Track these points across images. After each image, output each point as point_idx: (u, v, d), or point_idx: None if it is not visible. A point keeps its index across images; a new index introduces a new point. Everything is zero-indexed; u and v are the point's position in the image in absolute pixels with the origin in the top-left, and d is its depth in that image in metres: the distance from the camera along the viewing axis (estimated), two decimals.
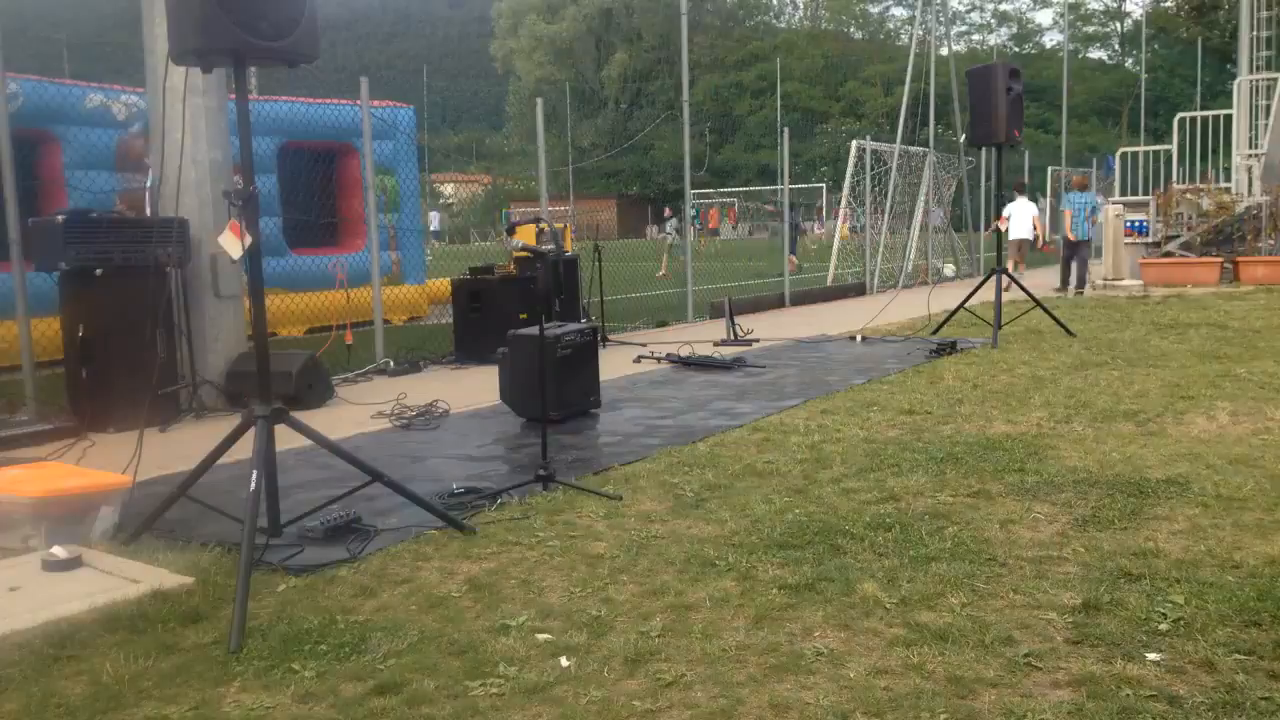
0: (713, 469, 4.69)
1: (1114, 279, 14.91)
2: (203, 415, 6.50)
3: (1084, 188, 16.05)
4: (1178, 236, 15.42)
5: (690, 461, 4.84)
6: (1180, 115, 17.65)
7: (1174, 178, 17.31)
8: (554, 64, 63.49)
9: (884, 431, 5.42)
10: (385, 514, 4.03)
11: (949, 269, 18.77)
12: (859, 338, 9.84)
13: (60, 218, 6.05)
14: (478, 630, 2.92)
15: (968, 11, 65.50)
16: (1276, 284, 13.57)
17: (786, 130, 14.82)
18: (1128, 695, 2.40)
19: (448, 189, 49.80)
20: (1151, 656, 2.60)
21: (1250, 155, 16.14)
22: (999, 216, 11.55)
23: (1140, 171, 18.39)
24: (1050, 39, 61.71)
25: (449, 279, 9.89)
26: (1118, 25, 61.05)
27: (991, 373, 7.26)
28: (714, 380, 7.47)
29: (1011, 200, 15.56)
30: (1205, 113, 17.55)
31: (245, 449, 3.58)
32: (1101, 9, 60.59)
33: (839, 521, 3.78)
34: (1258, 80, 16.83)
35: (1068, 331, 9.18)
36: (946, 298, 11.38)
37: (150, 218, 6.52)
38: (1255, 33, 17.12)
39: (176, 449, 5.45)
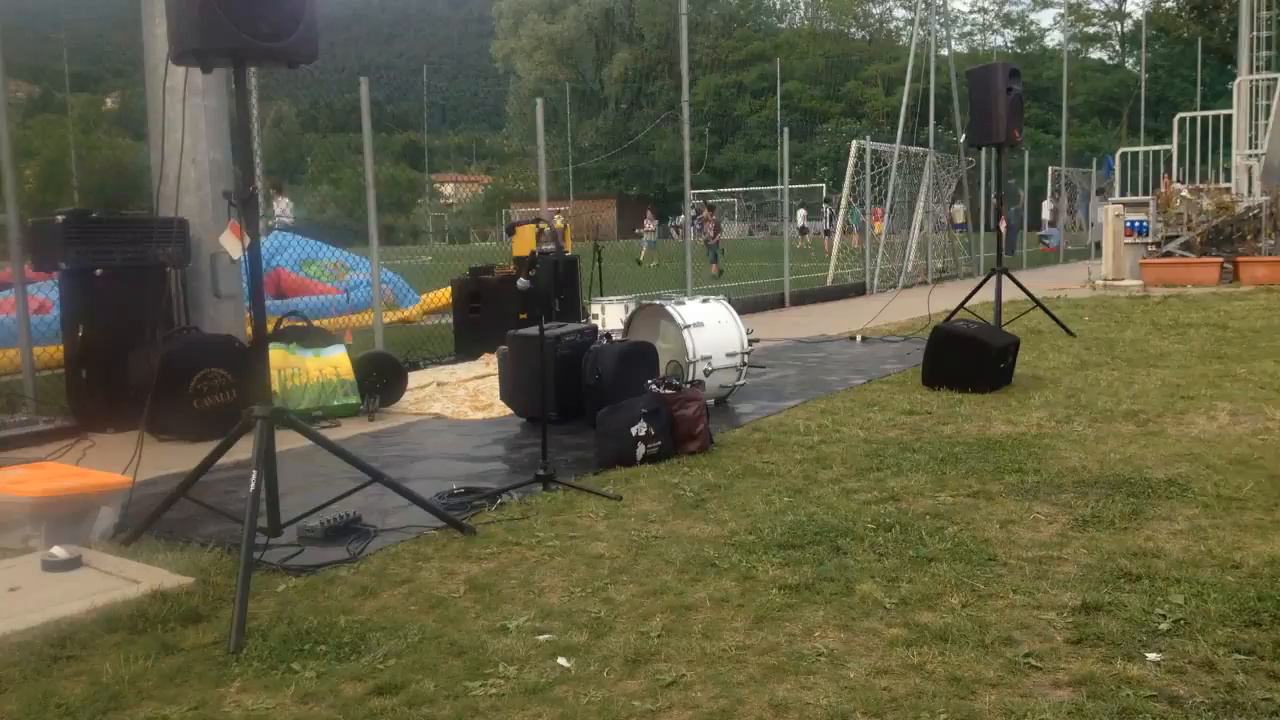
0: (713, 469, 4.69)
1: (1114, 279, 14.91)
2: None
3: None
4: (1177, 236, 15.42)
5: (690, 462, 4.84)
6: (1180, 115, 17.64)
7: (1174, 177, 17.30)
8: (554, 64, 63.50)
9: (884, 431, 5.42)
10: (385, 514, 4.03)
11: None
12: (859, 338, 9.84)
13: (60, 218, 6.05)
14: (478, 630, 2.92)
15: (970, 13, 65.55)
16: (1276, 284, 13.56)
17: (786, 130, 14.82)
18: (1128, 695, 2.40)
19: (448, 189, 49.79)
20: (1151, 656, 2.60)
21: (1250, 155, 16.14)
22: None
23: (1140, 171, 18.38)
24: (1051, 39, 61.73)
25: (440, 290, 9.99)
26: (1118, 25, 61.07)
27: None
28: None
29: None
30: (1205, 113, 17.54)
31: (245, 449, 3.58)
32: (1102, 9, 60.61)
33: (839, 521, 3.78)
34: (1258, 80, 16.82)
35: (1067, 331, 9.18)
36: (947, 298, 11.37)
37: (150, 217, 6.52)
38: (1255, 33, 17.11)
39: (176, 449, 5.45)
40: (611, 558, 3.50)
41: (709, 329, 6.13)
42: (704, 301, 6.38)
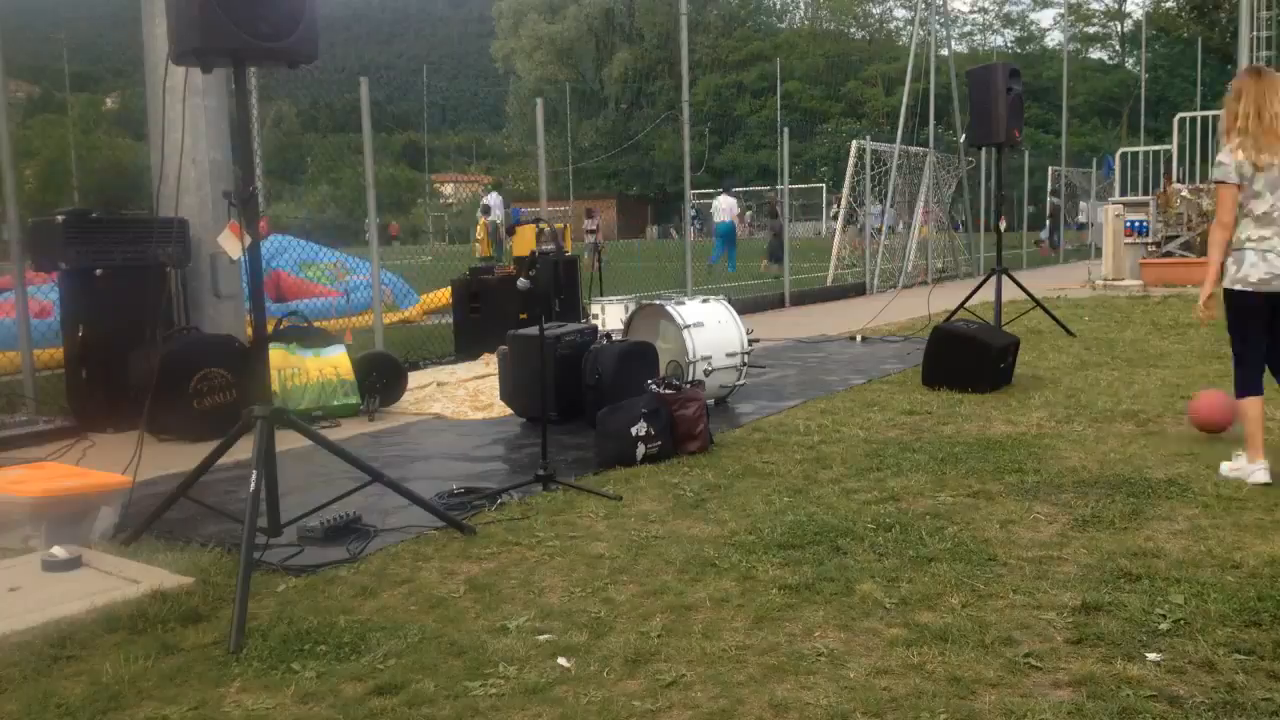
0: (713, 469, 4.69)
1: (1114, 279, 14.90)
2: None
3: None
4: (1177, 236, 15.41)
5: (690, 462, 4.84)
6: (1180, 115, 17.63)
7: (1174, 177, 17.29)
8: (554, 64, 63.47)
9: (884, 431, 5.42)
10: (385, 514, 4.03)
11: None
12: (859, 338, 9.83)
13: (60, 218, 6.05)
14: (478, 630, 2.92)
15: (971, 13, 65.57)
16: None
17: (786, 130, 14.81)
18: (1128, 695, 2.40)
19: (448, 189, 49.73)
20: (1151, 656, 2.60)
21: None
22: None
23: (1140, 171, 18.37)
24: (1051, 39, 61.75)
25: (440, 291, 9.98)
26: (1118, 25, 61.07)
27: None
28: None
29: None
30: (1205, 113, 17.52)
31: (245, 449, 3.58)
32: (1102, 9, 60.61)
33: (839, 521, 3.78)
34: None
35: (1067, 331, 9.18)
36: (947, 298, 11.37)
37: (150, 217, 6.51)
38: (1255, 33, 17.10)
39: (176, 449, 5.45)
40: (611, 558, 3.50)
41: (709, 329, 6.13)
42: (704, 301, 6.38)
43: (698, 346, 6.00)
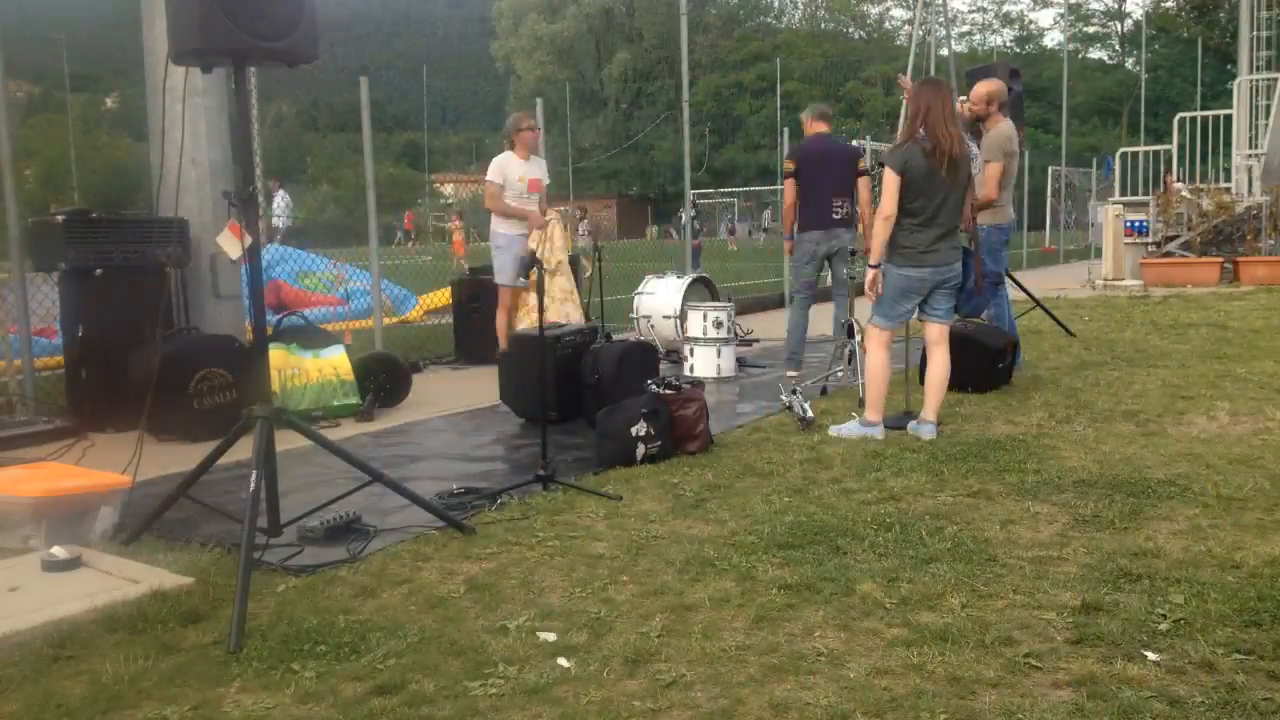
0: (713, 469, 4.69)
1: (1114, 279, 14.91)
2: None
3: None
4: (1177, 236, 15.41)
5: (690, 462, 4.84)
6: (1180, 115, 17.62)
7: (1174, 177, 17.29)
8: (554, 64, 63.50)
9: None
10: (385, 514, 4.03)
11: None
12: (859, 337, 9.82)
13: (60, 217, 6.05)
14: (478, 630, 2.92)
15: (970, 12, 65.59)
16: (1276, 284, 13.56)
17: (786, 130, 14.80)
18: (1128, 695, 2.40)
19: (448, 189, 49.75)
20: (1151, 656, 2.60)
21: (1250, 155, 16.12)
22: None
23: (1140, 172, 18.36)
24: (1051, 39, 61.79)
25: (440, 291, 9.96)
26: (1118, 25, 61.11)
27: None
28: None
29: None
30: (1205, 113, 17.52)
31: (245, 449, 3.58)
32: (1102, 9, 60.66)
33: (839, 521, 3.78)
34: (1258, 80, 16.81)
35: (1067, 331, 9.18)
36: None
37: (150, 217, 6.51)
38: (1255, 32, 17.11)
39: (176, 449, 5.45)
40: (611, 558, 3.50)
41: (658, 295, 8.30)
42: (679, 277, 8.54)
43: (641, 307, 8.35)
